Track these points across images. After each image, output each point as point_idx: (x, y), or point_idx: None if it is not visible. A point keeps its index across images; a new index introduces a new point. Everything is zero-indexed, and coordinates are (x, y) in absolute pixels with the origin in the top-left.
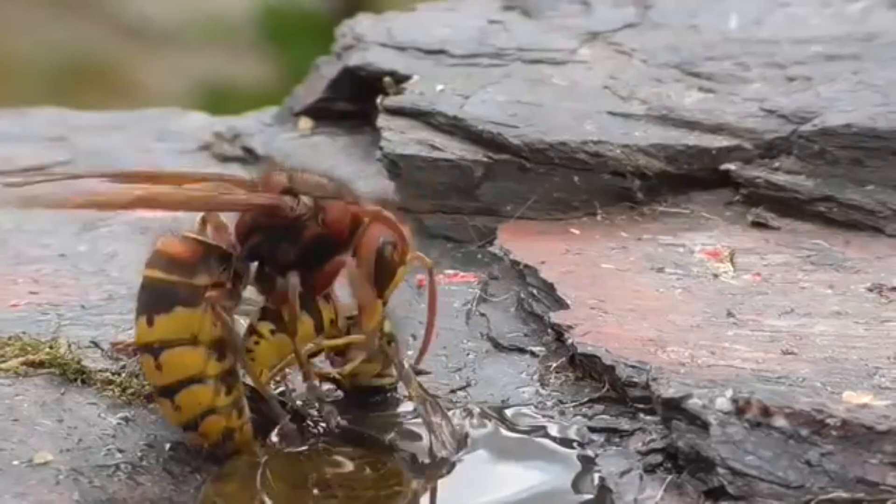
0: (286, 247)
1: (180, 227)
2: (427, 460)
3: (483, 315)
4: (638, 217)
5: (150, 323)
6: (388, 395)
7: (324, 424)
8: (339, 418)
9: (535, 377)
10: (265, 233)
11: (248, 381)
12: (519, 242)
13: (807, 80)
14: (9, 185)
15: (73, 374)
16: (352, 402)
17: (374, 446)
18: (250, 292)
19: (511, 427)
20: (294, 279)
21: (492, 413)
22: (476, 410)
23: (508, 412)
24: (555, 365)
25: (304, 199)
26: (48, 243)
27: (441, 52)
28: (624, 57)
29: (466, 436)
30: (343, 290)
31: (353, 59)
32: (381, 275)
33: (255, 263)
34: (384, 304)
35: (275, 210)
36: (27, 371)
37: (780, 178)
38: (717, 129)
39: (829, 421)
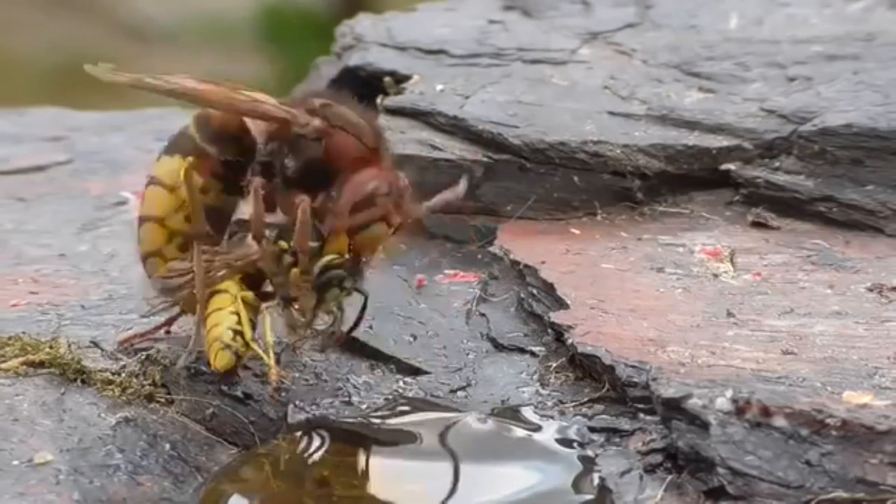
0: (287, 162)
1: None
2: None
3: (483, 315)
4: (638, 217)
5: (157, 159)
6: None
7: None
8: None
9: (535, 377)
10: (278, 144)
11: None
12: (519, 242)
13: (807, 80)
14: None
15: (73, 374)
16: (351, 401)
17: (374, 446)
18: None
19: (511, 427)
20: (257, 181)
21: (492, 413)
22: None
23: (509, 412)
24: (555, 365)
25: (317, 121)
26: (48, 243)
27: (441, 52)
28: (624, 57)
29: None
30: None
31: (353, 59)
32: (357, 219)
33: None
34: (359, 263)
35: (286, 123)
36: (27, 371)
37: (780, 178)
38: (717, 129)
39: (829, 421)
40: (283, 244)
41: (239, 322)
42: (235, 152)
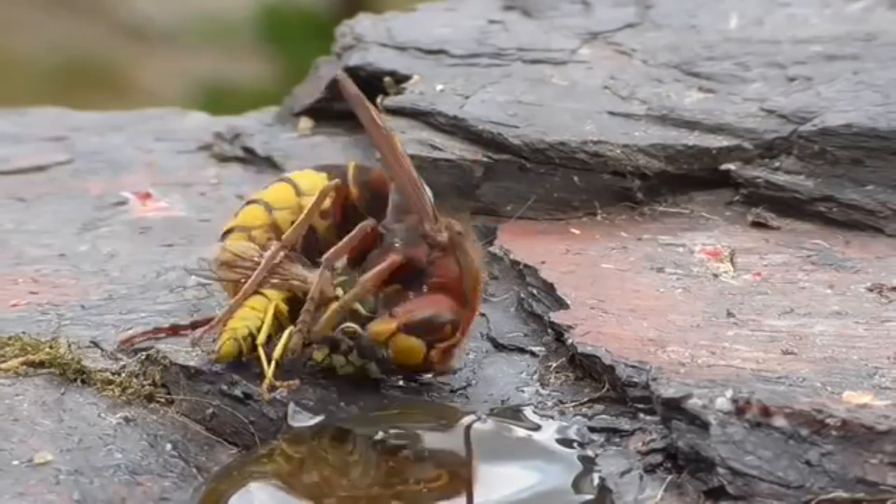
0: (397, 243)
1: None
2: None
3: (483, 315)
4: (638, 217)
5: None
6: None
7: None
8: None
9: (535, 377)
10: (402, 228)
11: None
12: (519, 242)
13: (807, 80)
14: None
15: (73, 374)
16: (351, 401)
17: (374, 446)
18: None
19: (511, 427)
20: (370, 221)
21: (492, 413)
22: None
23: (509, 412)
24: (555, 365)
25: (446, 236)
26: (48, 243)
27: (441, 52)
28: (624, 57)
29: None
30: None
31: (353, 59)
32: (410, 327)
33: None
34: (373, 350)
35: (425, 217)
36: (27, 371)
37: (780, 178)
38: (717, 129)
39: (829, 421)
40: (339, 291)
41: (260, 327)
42: (369, 208)
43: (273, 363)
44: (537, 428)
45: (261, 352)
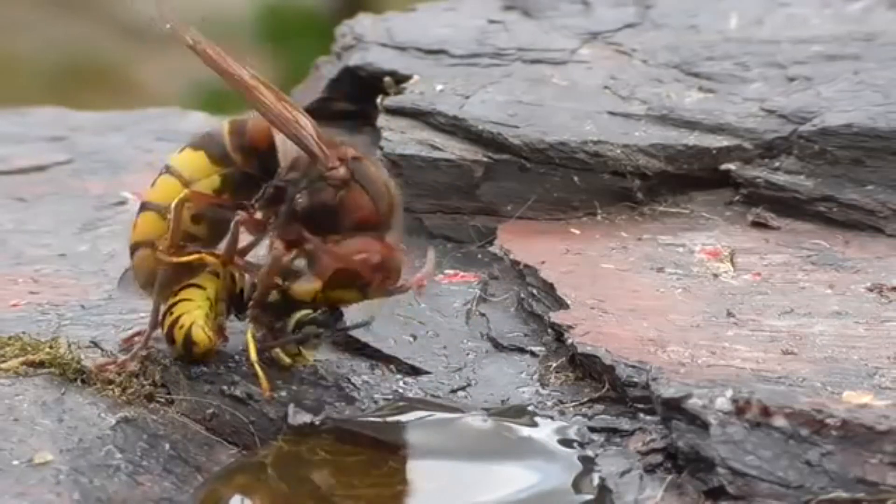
0: (299, 195)
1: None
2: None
3: (483, 315)
4: (638, 217)
5: (180, 150)
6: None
7: None
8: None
9: (535, 377)
10: (298, 175)
11: None
12: (519, 242)
13: (807, 80)
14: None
15: (73, 374)
16: (351, 401)
17: (374, 446)
18: None
19: (511, 427)
20: (237, 216)
21: (492, 413)
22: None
23: (508, 412)
24: (555, 365)
25: (343, 170)
26: (48, 243)
27: (441, 52)
28: (624, 57)
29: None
30: None
31: (353, 59)
32: (334, 280)
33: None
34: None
35: (315, 159)
36: (27, 371)
37: (780, 178)
38: (717, 129)
39: (829, 421)
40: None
41: (211, 307)
42: (258, 168)
43: (262, 371)
44: (537, 428)
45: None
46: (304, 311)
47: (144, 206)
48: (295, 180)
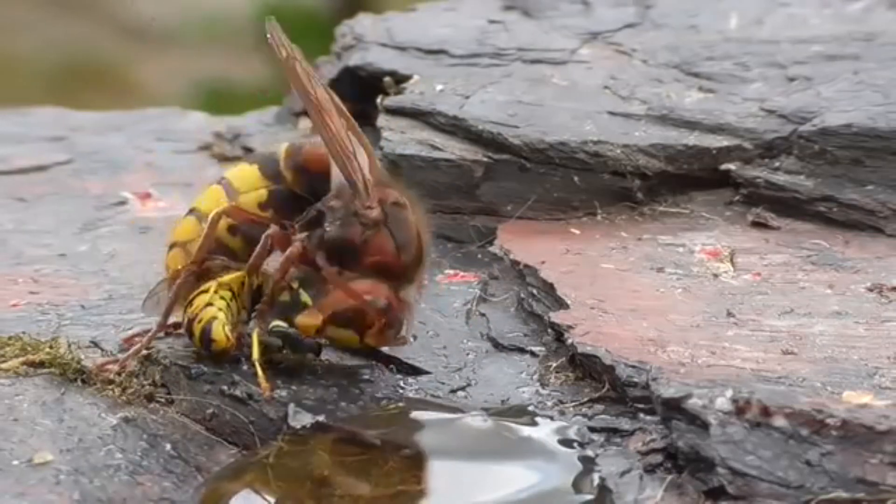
0: (332, 224)
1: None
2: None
3: (483, 315)
4: (638, 217)
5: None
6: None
7: None
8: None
9: (535, 377)
10: (339, 204)
11: None
12: (519, 242)
13: (807, 80)
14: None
15: (73, 374)
16: (352, 401)
17: (374, 446)
18: None
19: (511, 427)
20: (270, 230)
21: (492, 413)
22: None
23: (508, 412)
24: (555, 365)
25: (377, 212)
26: (48, 243)
27: (441, 52)
28: (624, 57)
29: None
30: None
31: (353, 59)
32: (334, 317)
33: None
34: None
35: (356, 192)
36: (27, 371)
37: (780, 178)
38: (717, 129)
39: (829, 421)
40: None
41: (227, 305)
42: (306, 189)
43: (262, 371)
44: (537, 428)
45: (257, 366)
46: (278, 324)
47: (190, 212)
48: (334, 209)
